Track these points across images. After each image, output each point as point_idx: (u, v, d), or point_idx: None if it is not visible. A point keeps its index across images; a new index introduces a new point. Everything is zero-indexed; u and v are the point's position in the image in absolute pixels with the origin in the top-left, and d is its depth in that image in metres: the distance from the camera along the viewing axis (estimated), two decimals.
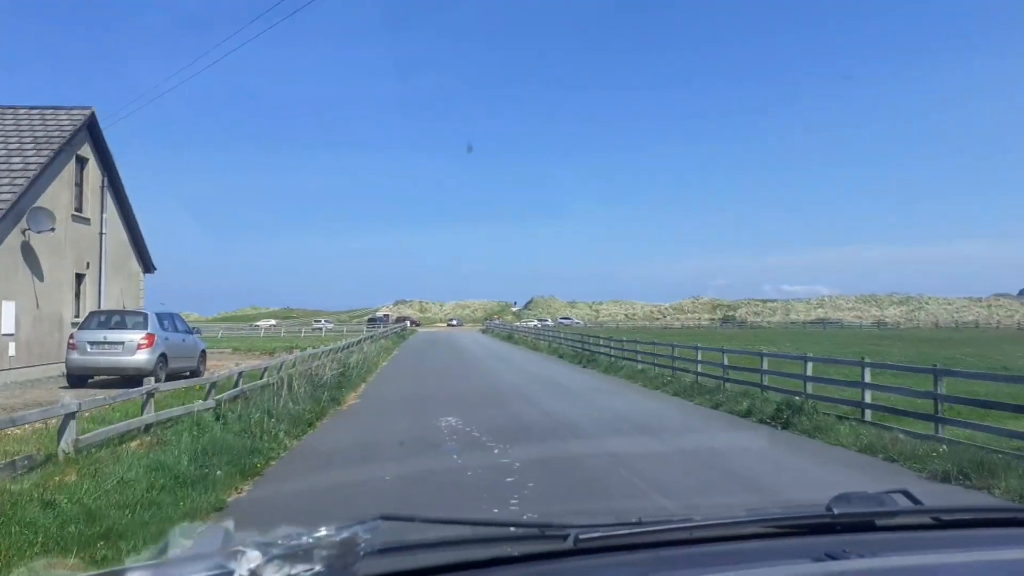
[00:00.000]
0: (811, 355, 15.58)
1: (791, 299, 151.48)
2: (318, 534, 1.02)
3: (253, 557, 0.95)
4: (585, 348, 32.56)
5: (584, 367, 26.72)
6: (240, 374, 13.16)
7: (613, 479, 7.66)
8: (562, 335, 42.96)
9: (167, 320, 17.78)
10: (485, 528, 1.32)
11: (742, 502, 6.48)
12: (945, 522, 1.55)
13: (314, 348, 24.59)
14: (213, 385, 11.12)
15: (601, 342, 30.48)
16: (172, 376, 16.60)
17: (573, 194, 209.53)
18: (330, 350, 24.13)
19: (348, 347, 28.38)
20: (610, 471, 8.05)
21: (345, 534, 1.04)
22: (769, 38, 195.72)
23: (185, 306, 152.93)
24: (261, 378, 14.66)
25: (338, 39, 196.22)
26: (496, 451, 9.10)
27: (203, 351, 19.45)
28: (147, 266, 26.78)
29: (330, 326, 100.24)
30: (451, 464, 8.42)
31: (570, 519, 1.30)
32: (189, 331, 18.81)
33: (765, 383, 15.14)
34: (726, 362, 17.83)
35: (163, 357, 16.70)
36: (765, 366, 15.74)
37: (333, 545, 1.02)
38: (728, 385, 16.58)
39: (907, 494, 1.57)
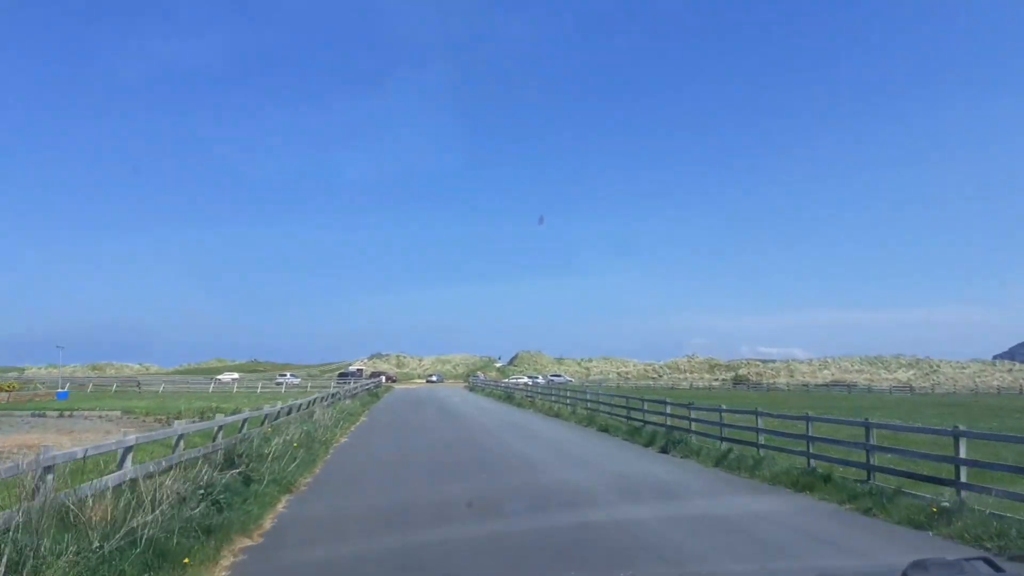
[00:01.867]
0: None
1: (790, 360, 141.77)
2: None
3: None
4: (634, 417, 22.53)
5: (665, 452, 16.55)
6: None
7: None
8: (588, 396, 32.88)
9: None
10: None
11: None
12: None
13: (226, 413, 14.47)
14: None
15: (668, 409, 20.41)
16: None
17: (558, 252, 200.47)
18: (244, 420, 13.81)
19: (283, 413, 17.94)
20: None
21: None
22: (748, 87, 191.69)
23: (144, 357, 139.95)
24: None
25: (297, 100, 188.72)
26: None
27: None
28: None
29: (296, 381, 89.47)
30: None
31: None
32: None
33: None
34: None
35: None
36: None
37: None
38: None
39: (988, 561, 1.44)
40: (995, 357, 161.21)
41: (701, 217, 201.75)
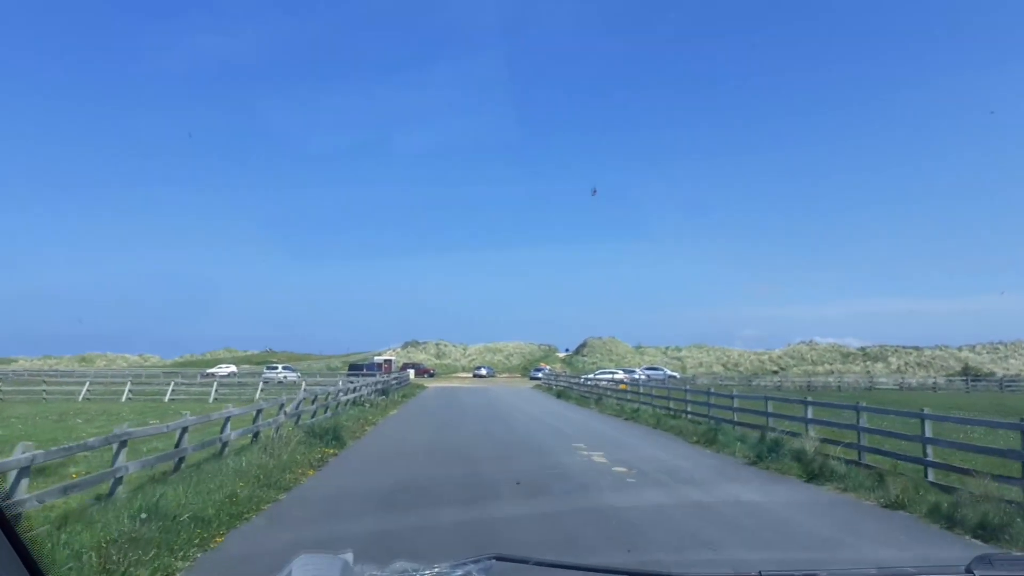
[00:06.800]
0: None
1: (924, 346, 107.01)
2: (433, 570, 1.04)
3: None
4: None
5: None
6: None
7: None
8: None
9: None
10: (597, 574, 1.27)
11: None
12: None
13: None
14: None
15: None
16: None
17: (618, 229, 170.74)
18: None
19: None
20: None
21: (459, 572, 1.06)
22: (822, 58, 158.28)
23: (145, 348, 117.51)
24: None
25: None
26: None
27: None
28: None
29: (293, 376, 63.61)
30: None
31: (682, 569, 1.34)
32: None
33: None
34: None
35: None
36: None
37: None
38: None
39: None
40: None
41: (748, 204, 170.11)
